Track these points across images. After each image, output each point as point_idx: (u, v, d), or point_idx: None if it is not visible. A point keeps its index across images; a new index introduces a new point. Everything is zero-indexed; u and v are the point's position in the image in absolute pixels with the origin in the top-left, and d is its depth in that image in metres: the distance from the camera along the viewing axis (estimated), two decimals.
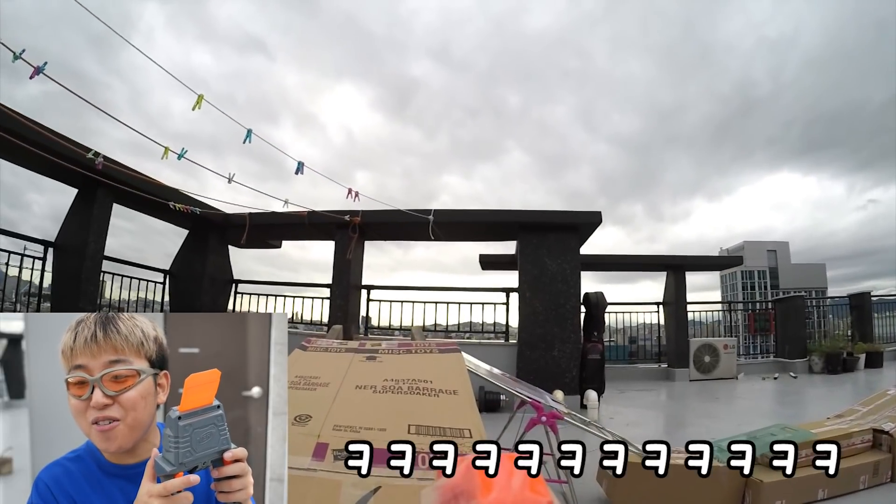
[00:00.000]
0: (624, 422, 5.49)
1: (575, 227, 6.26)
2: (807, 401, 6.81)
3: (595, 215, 6.17)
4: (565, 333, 6.06)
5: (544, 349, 6.05)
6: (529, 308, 6.14)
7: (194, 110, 3.00)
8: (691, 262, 10.18)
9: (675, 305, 9.07)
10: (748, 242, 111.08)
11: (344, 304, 6.64)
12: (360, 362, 1.75)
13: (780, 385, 7.93)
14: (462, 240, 7.77)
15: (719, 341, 8.81)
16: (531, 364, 6.05)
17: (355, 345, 1.94)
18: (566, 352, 6.04)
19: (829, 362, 8.61)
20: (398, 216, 6.28)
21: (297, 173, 3.97)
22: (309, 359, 1.83)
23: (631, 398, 6.90)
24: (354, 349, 1.88)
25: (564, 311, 6.08)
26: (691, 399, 7.04)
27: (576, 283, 6.15)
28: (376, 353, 1.84)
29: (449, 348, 1.89)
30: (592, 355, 6.19)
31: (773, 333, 10.92)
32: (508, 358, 6.26)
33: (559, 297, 6.11)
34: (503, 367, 6.26)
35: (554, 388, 5.72)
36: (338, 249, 6.78)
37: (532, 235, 6.29)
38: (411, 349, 1.89)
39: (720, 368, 8.57)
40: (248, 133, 3.37)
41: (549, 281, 6.14)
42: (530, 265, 6.23)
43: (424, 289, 7.12)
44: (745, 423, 5.19)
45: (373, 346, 1.94)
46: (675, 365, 8.68)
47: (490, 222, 6.63)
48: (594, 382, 6.10)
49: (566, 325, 6.07)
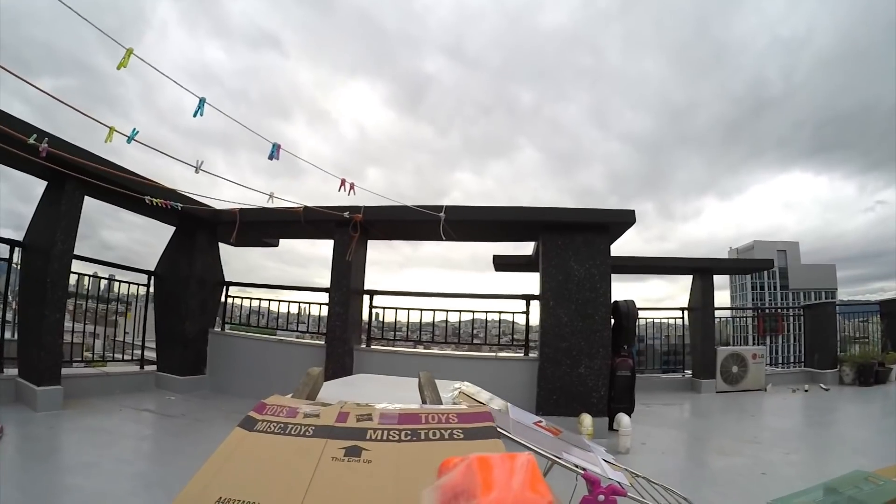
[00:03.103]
0: (658, 448, 4.91)
1: (605, 226, 5.53)
2: (849, 420, 6.31)
3: (628, 214, 5.44)
4: (593, 348, 5.35)
5: (569, 365, 5.34)
6: (553, 318, 5.42)
7: (119, 69, 2.36)
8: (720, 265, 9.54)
9: (701, 312, 8.42)
10: (758, 242, 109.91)
11: (343, 311, 5.95)
12: (333, 464, 1.05)
13: (812, 399, 7.46)
14: (477, 240, 7.04)
15: (747, 350, 8.30)
16: (554, 382, 5.36)
17: (331, 417, 1.24)
18: (594, 368, 5.33)
19: (861, 373, 8.19)
20: (405, 213, 5.56)
21: (270, 158, 3.31)
22: (251, 452, 1.12)
23: (658, 415, 6.34)
24: (329, 429, 1.18)
25: (593, 322, 5.37)
26: (723, 416, 6.54)
27: (605, 291, 5.43)
28: (363, 438, 1.14)
29: (480, 426, 1.18)
30: (622, 371, 5.51)
31: (781, 334, 10.54)
32: (528, 374, 5.57)
33: (587, 307, 5.39)
34: (522, 386, 5.61)
35: (580, 409, 5.06)
36: (337, 250, 6.09)
37: (557, 236, 5.56)
38: (419, 428, 1.18)
39: (748, 379, 8.07)
40: (201, 103, 2.70)
41: (575, 288, 5.42)
42: (554, 269, 5.50)
43: (433, 295, 6.37)
44: (793, 450, 4.77)
45: (359, 418, 1.24)
46: (701, 375, 8.11)
47: (509, 221, 5.89)
48: (623, 402, 5.45)
49: (594, 338, 5.36)
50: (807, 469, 4.29)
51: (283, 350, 6.60)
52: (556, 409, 5.29)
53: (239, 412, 3.85)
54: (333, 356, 5.91)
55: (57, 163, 4.32)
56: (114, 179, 4.92)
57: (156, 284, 6.88)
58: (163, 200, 5.00)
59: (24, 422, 4.47)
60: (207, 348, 6.86)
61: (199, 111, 2.75)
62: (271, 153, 3.29)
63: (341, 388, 2.17)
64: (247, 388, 6.44)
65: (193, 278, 6.69)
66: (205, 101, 2.77)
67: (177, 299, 6.68)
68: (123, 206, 5.89)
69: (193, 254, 6.73)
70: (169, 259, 6.89)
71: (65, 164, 4.47)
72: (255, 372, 6.54)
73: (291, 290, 7.34)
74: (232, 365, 6.73)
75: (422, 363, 6.01)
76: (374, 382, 2.41)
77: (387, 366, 5.98)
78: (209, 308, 7.00)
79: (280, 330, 7.29)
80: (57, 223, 5.05)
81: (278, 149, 3.31)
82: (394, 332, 6.55)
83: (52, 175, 5.06)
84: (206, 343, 6.86)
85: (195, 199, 5.83)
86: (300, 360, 6.36)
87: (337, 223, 5.92)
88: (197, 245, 6.75)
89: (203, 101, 2.77)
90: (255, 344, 6.87)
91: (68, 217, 5.12)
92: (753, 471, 4.13)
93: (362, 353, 6.08)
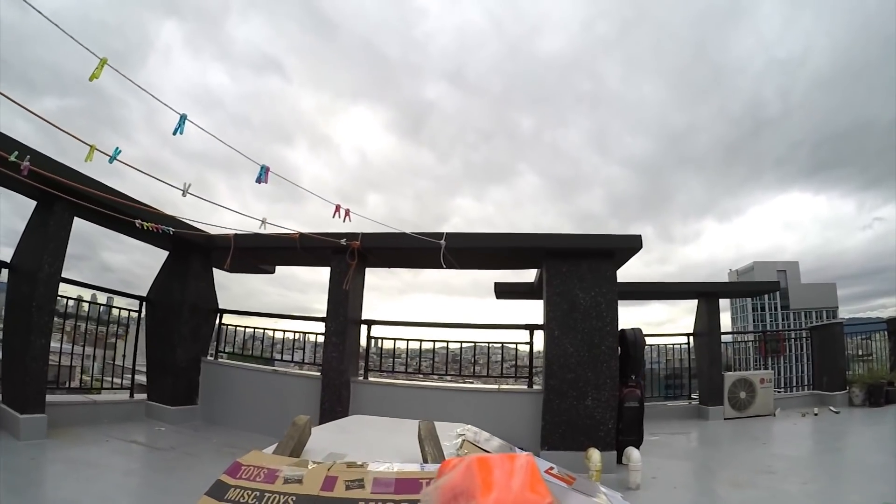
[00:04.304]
0: (670, 482, 4.71)
1: (610, 252, 5.36)
2: (863, 444, 6.10)
3: (634, 239, 5.28)
4: (600, 379, 5.13)
5: (576, 398, 5.12)
6: (558, 349, 5.21)
7: (92, 80, 2.23)
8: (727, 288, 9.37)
9: (708, 337, 8.22)
10: (758, 263, 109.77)
11: (340, 342, 5.73)
12: None
13: (823, 422, 7.27)
14: (478, 268, 6.85)
15: (755, 375, 8.06)
16: (560, 416, 5.13)
17: (316, 484, 1.05)
18: (601, 400, 5.11)
19: (871, 394, 8.00)
20: (405, 241, 5.40)
21: (258, 181, 3.16)
22: None
23: (666, 445, 6.12)
24: (312, 500, 1.00)
25: (599, 352, 5.16)
26: (734, 445, 6.33)
27: (612, 320, 5.23)
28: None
29: None
30: (630, 403, 5.30)
31: (783, 355, 10.34)
32: (532, 407, 5.33)
33: (593, 336, 5.19)
34: (526, 419, 5.33)
35: (587, 443, 4.82)
36: (333, 278, 5.89)
37: (561, 263, 5.38)
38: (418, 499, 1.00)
39: (756, 405, 7.85)
40: (181, 119, 2.56)
41: (581, 317, 5.22)
42: (559, 298, 5.31)
43: (433, 325, 6.14)
44: (810, 479, 4.59)
45: (349, 485, 1.05)
46: (709, 402, 7.87)
47: (512, 248, 5.72)
48: (632, 434, 5.25)
49: (601, 368, 5.14)
50: (826, 500, 4.10)
51: (277, 381, 6.36)
52: (561, 444, 5.06)
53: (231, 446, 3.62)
54: (329, 388, 5.67)
55: (43, 182, 4.18)
56: (103, 201, 4.77)
57: (147, 310, 6.67)
58: (154, 224, 4.84)
59: (4, 451, 4.25)
60: (200, 377, 6.62)
61: (179, 129, 2.61)
62: (259, 176, 3.13)
63: (333, 436, 1.96)
64: (240, 420, 6.20)
65: (186, 305, 6.48)
66: (186, 118, 2.64)
67: (169, 326, 6.47)
68: (114, 229, 5.72)
69: (187, 279, 6.53)
70: (161, 284, 6.69)
71: (52, 184, 4.32)
72: (248, 403, 6.30)
73: (287, 319, 7.12)
74: (225, 395, 6.49)
75: (421, 396, 5.78)
76: (370, 427, 2.21)
77: (385, 399, 5.76)
78: (202, 336, 6.77)
79: (276, 360, 7.07)
80: (45, 245, 4.88)
81: (266, 171, 3.16)
82: (392, 363, 6.32)
83: (40, 195, 4.92)
84: (199, 372, 6.62)
85: (188, 224, 5.68)
86: (295, 391, 6.13)
87: (334, 250, 5.74)
88: (190, 270, 6.57)
89: (184, 117, 2.64)
90: (249, 374, 6.62)
91: (56, 239, 4.96)
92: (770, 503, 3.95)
93: (359, 386, 5.83)
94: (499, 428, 5.23)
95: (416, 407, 5.62)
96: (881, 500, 3.79)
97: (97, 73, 2.26)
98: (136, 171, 3.15)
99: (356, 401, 5.71)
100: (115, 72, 2.28)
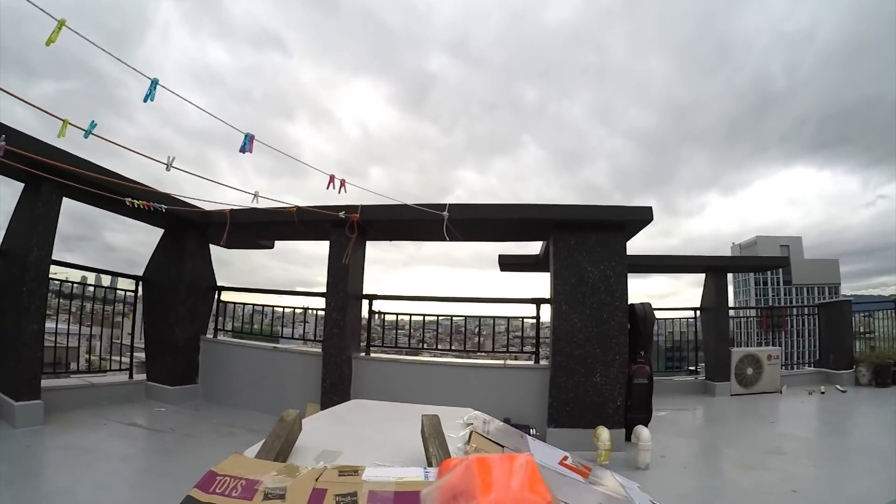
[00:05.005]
0: (679, 462, 4.62)
1: (621, 224, 5.14)
2: (871, 424, 6.03)
3: (646, 211, 5.05)
4: (609, 356, 4.98)
5: (584, 374, 4.98)
6: (566, 324, 5.05)
7: (49, 45, 2.01)
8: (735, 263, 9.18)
9: (715, 312, 8.07)
10: (761, 237, 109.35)
11: (341, 317, 5.57)
12: None
13: (830, 401, 7.19)
14: (482, 240, 6.64)
15: (762, 351, 7.95)
16: (567, 392, 4.99)
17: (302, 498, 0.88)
18: (610, 377, 4.97)
19: (878, 374, 7.91)
20: (406, 212, 5.18)
21: (242, 151, 2.94)
22: None
23: (674, 422, 6.03)
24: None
25: (608, 327, 5.00)
26: (742, 423, 6.26)
27: (622, 294, 5.05)
28: None
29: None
30: (638, 379, 5.15)
31: (785, 330, 10.23)
32: (539, 384, 5.20)
33: (602, 311, 5.01)
34: (533, 395, 5.20)
35: (595, 421, 4.71)
36: (333, 252, 5.70)
37: (569, 235, 5.17)
38: None
39: (763, 382, 7.75)
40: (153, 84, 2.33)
41: (589, 291, 5.04)
42: (567, 271, 5.12)
43: (437, 299, 5.97)
44: (820, 462, 4.53)
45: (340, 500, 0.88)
46: (715, 378, 7.75)
47: (518, 219, 5.50)
48: (641, 412, 5.11)
49: (610, 344, 4.99)
50: (838, 485, 4.00)
51: (278, 358, 6.23)
52: (569, 421, 4.94)
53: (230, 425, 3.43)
54: (331, 365, 5.54)
55: (26, 163, 3.98)
56: (91, 181, 4.56)
57: (144, 290, 6.53)
58: (145, 202, 4.64)
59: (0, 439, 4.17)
60: (199, 356, 6.52)
61: (150, 95, 2.39)
62: (244, 145, 2.92)
63: (328, 427, 1.79)
64: (241, 398, 6.12)
65: (183, 283, 6.34)
66: (157, 83, 2.41)
67: (166, 305, 6.34)
68: (105, 209, 5.53)
69: (183, 257, 6.37)
70: (157, 263, 6.54)
71: (37, 164, 4.12)
72: (248, 381, 6.20)
73: (287, 296, 6.96)
74: (225, 374, 6.38)
75: (425, 373, 5.64)
76: (370, 415, 2.04)
77: (388, 376, 5.63)
78: (200, 314, 6.64)
79: (276, 336, 6.95)
80: (33, 227, 4.74)
81: (251, 140, 2.94)
82: (395, 338, 6.16)
83: (28, 177, 4.75)
84: (198, 351, 6.52)
85: (181, 200, 5.47)
86: (296, 368, 6.00)
87: (333, 224, 5.54)
88: (186, 248, 6.40)
89: (155, 82, 2.41)
90: (249, 352, 6.50)
91: (45, 221, 4.80)
92: (783, 488, 3.82)
93: (361, 362, 5.69)
94: (505, 405, 5.17)
95: (420, 384, 5.50)
96: (894, 485, 3.70)
97: (53, 37, 2.04)
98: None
99: (358, 378, 5.58)
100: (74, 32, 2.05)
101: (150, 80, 2.40)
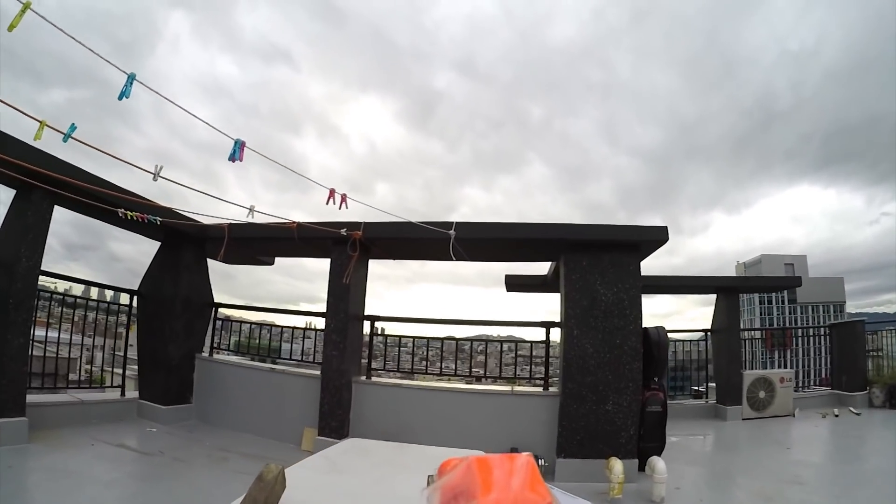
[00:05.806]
0: (695, 495, 4.39)
1: (636, 245, 4.92)
2: (890, 449, 5.72)
3: (661, 231, 4.84)
4: (622, 382, 4.73)
5: (595, 402, 4.72)
6: (577, 349, 4.80)
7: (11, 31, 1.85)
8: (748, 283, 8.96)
9: (726, 334, 7.84)
10: (765, 256, 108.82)
11: (341, 339, 5.32)
12: None
13: (844, 425, 6.96)
14: (489, 260, 6.40)
15: (775, 374, 7.72)
16: (578, 421, 4.74)
17: None
18: (623, 405, 4.71)
19: (893, 395, 7.74)
20: (410, 230, 4.98)
21: (231, 160, 2.76)
22: None
23: (687, 449, 5.84)
24: None
25: (621, 352, 4.75)
26: (756, 449, 5.96)
27: (636, 317, 4.82)
28: None
29: None
30: (652, 407, 4.91)
31: (789, 349, 10.22)
32: (548, 412, 4.94)
33: (615, 335, 4.77)
34: (541, 424, 4.88)
35: (607, 451, 4.44)
36: (334, 270, 5.47)
37: (581, 256, 4.94)
38: None
39: (775, 405, 7.53)
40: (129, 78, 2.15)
41: (602, 314, 4.81)
42: (578, 293, 4.89)
43: (442, 322, 5.73)
44: (842, 492, 4.31)
45: None
46: (727, 401, 7.50)
47: (526, 239, 5.29)
48: (654, 440, 4.86)
49: (623, 370, 4.74)
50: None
51: (275, 379, 5.98)
52: (579, 451, 4.68)
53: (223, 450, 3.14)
54: (329, 389, 5.28)
55: (16, 170, 3.82)
56: (84, 190, 4.39)
57: (139, 305, 6.31)
58: (139, 214, 4.45)
59: None
60: (194, 374, 6.27)
61: (125, 91, 2.21)
62: (233, 153, 2.73)
63: (318, 478, 1.55)
64: (236, 420, 5.87)
65: (179, 298, 6.12)
66: (134, 78, 2.23)
67: (161, 321, 6.11)
68: (99, 219, 5.34)
69: (179, 272, 6.16)
70: (153, 277, 6.31)
71: (27, 172, 3.95)
72: (244, 402, 5.95)
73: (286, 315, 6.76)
74: (220, 394, 6.13)
75: (428, 399, 5.38)
76: (368, 459, 1.79)
77: (389, 402, 5.38)
78: (196, 331, 6.41)
79: (274, 357, 6.72)
80: (23, 237, 4.54)
81: (241, 147, 2.75)
82: (397, 361, 5.92)
83: (19, 184, 4.57)
84: (193, 369, 6.27)
85: (178, 213, 5.29)
86: (294, 391, 5.74)
87: (334, 241, 5.32)
88: (183, 262, 6.19)
89: (132, 76, 2.23)
90: (246, 372, 6.26)
91: (35, 230, 4.61)
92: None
93: (361, 386, 5.42)
94: (511, 433, 4.90)
95: (423, 410, 5.24)
96: None
97: (16, 21, 1.87)
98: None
99: (358, 402, 5.33)
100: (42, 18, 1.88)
101: (126, 74, 2.21)
